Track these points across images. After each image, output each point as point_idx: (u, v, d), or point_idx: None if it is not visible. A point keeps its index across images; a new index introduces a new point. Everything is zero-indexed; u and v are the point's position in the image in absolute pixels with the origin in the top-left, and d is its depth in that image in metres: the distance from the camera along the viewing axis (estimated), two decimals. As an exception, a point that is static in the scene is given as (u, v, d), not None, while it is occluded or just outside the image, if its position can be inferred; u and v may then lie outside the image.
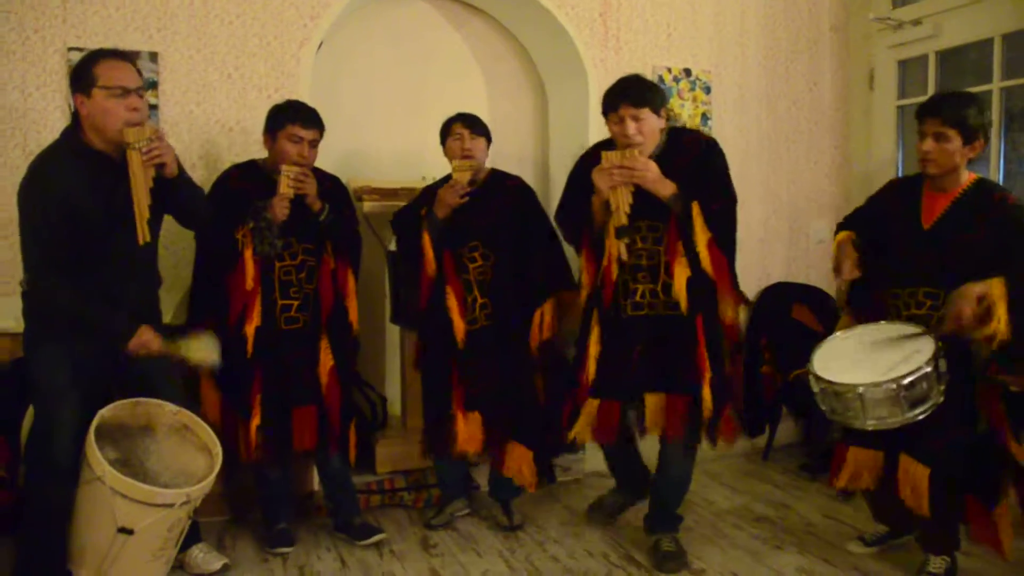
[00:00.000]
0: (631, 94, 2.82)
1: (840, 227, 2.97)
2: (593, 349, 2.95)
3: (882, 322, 2.71)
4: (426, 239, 3.16)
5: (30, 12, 3.14)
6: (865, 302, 2.85)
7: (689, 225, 2.80)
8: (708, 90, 4.17)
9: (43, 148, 2.61)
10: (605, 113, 2.90)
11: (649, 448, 3.17)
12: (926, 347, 2.49)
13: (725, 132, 4.21)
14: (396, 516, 3.46)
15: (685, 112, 4.10)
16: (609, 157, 2.81)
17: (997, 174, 3.86)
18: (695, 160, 2.88)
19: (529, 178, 4.22)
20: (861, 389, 2.48)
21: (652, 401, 2.88)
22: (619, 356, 2.91)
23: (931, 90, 4.09)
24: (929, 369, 2.44)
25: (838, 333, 2.77)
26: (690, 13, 4.15)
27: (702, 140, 3.01)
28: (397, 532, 3.28)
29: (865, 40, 4.41)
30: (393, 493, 3.56)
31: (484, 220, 3.17)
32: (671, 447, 2.97)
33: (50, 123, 3.16)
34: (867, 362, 2.55)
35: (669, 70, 4.08)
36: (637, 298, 2.89)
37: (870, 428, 2.53)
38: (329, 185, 3.12)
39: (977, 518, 2.63)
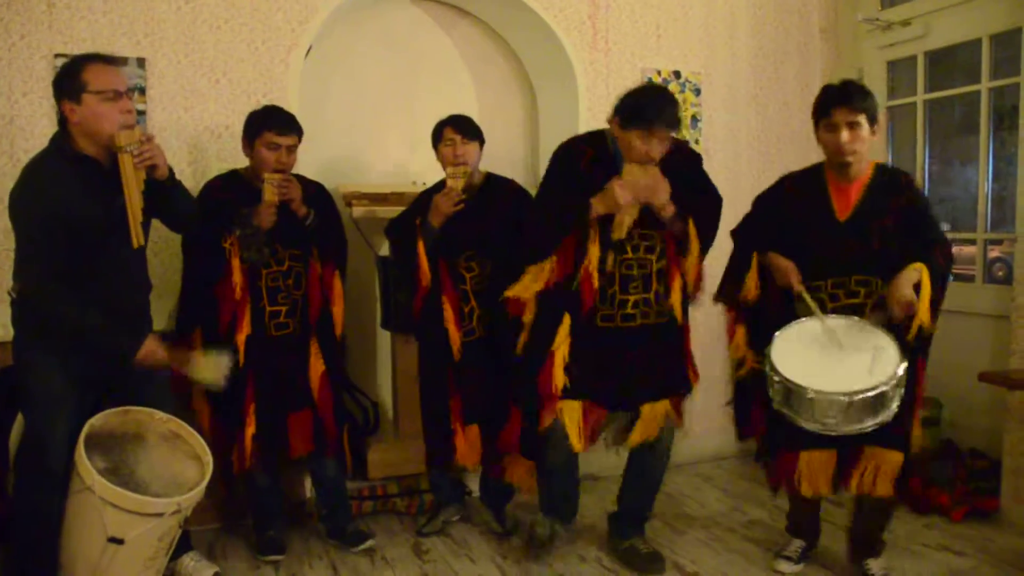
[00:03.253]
0: (667, 117, 2.71)
1: (742, 240, 2.91)
2: (560, 352, 2.82)
3: (831, 316, 2.63)
4: (421, 248, 3.11)
5: (16, 18, 3.11)
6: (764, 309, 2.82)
7: (686, 241, 2.84)
8: (698, 92, 4.17)
9: (31, 155, 2.58)
10: (632, 123, 2.71)
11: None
12: (892, 355, 2.49)
13: (715, 134, 4.21)
14: (388, 522, 3.45)
15: (675, 114, 4.09)
16: (633, 171, 2.71)
17: (986, 173, 3.87)
18: (678, 167, 2.82)
19: (518, 180, 4.21)
20: (842, 398, 2.43)
21: (648, 411, 2.88)
22: (603, 364, 2.84)
23: (920, 91, 4.10)
24: (894, 382, 2.45)
25: (791, 329, 2.65)
26: (680, 15, 4.15)
27: (683, 148, 3.02)
28: (389, 538, 3.27)
29: (854, 41, 4.42)
30: (386, 499, 3.55)
31: (479, 227, 3.13)
32: (656, 451, 2.98)
33: (37, 130, 3.14)
34: (833, 362, 2.52)
35: (659, 72, 4.07)
36: (629, 309, 2.84)
37: (810, 429, 2.51)
38: (313, 191, 3.11)
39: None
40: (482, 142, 3.24)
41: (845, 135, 2.62)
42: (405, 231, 3.20)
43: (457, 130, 3.15)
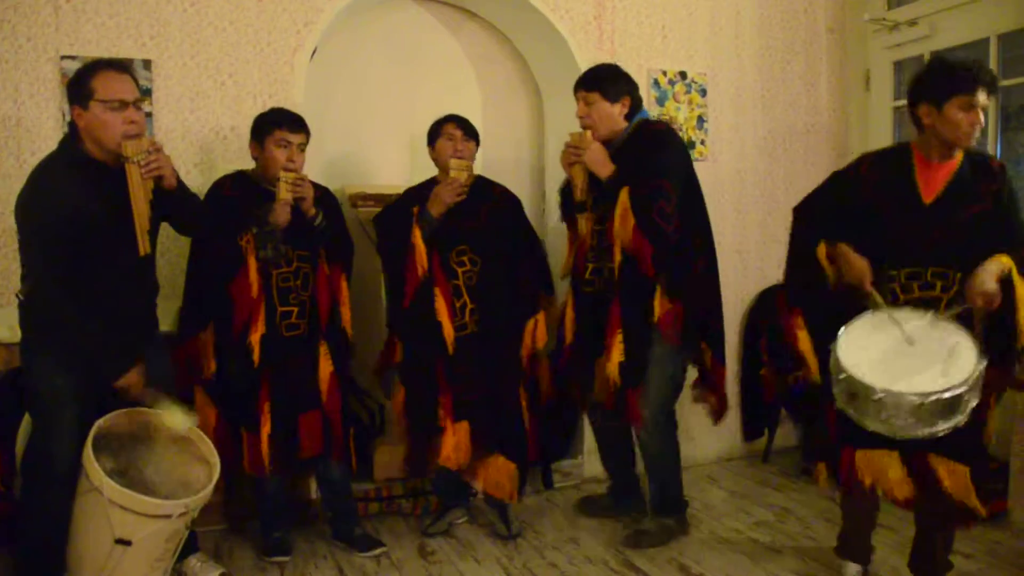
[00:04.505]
0: (583, 79, 3.11)
1: (808, 220, 2.73)
2: (569, 314, 3.24)
3: (930, 312, 2.41)
4: (417, 235, 3.11)
5: (23, 20, 3.12)
6: (821, 299, 2.65)
7: (613, 204, 2.95)
8: (704, 92, 4.16)
9: (37, 157, 2.59)
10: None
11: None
12: (970, 353, 2.30)
13: (721, 134, 4.20)
14: (394, 524, 3.45)
15: (681, 115, 4.09)
16: (571, 137, 3.09)
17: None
18: (644, 148, 3.00)
19: (525, 182, 4.22)
20: (914, 399, 2.23)
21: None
22: (583, 327, 3.18)
23: (927, 91, 4.08)
24: (970, 384, 2.25)
25: (867, 314, 2.47)
26: (685, 15, 4.14)
27: (657, 129, 3.11)
28: (395, 540, 3.27)
29: (861, 41, 4.41)
30: (391, 501, 3.55)
31: (472, 224, 3.17)
32: (636, 434, 3.25)
33: (44, 132, 3.15)
34: (906, 361, 2.33)
35: (664, 73, 4.07)
36: (587, 276, 3.15)
37: (875, 431, 2.34)
38: (319, 193, 3.11)
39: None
40: (478, 144, 3.28)
41: (978, 116, 2.40)
42: (399, 220, 3.19)
43: (459, 126, 3.21)
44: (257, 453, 2.94)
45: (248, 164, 3.14)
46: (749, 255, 4.28)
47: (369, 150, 4.03)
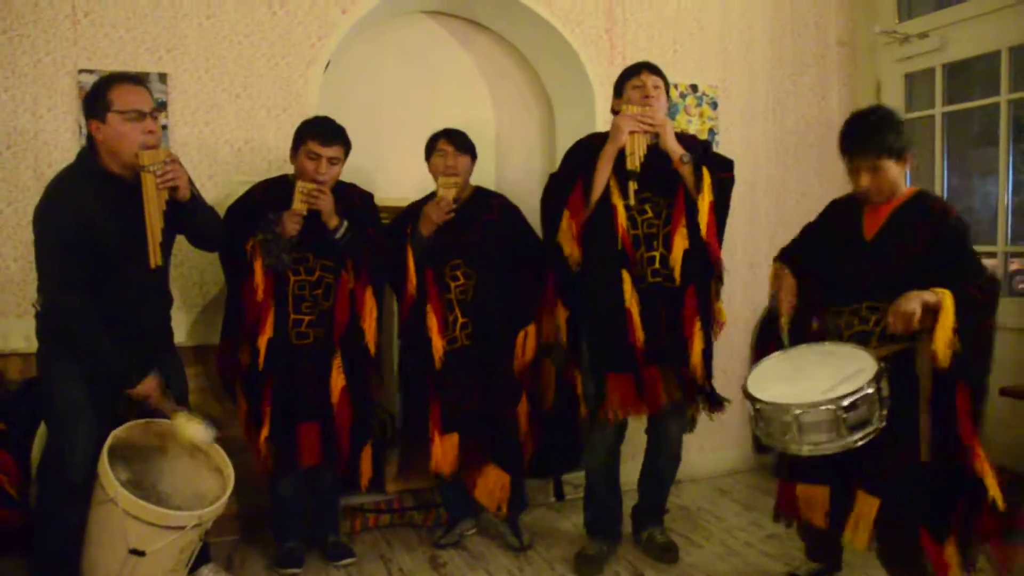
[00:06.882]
0: (650, 64, 3.07)
1: (779, 257, 2.88)
2: (635, 309, 2.93)
3: (825, 342, 2.55)
4: (409, 256, 3.16)
5: (41, 35, 3.16)
6: (799, 329, 2.71)
7: (697, 187, 2.90)
8: (715, 105, 4.17)
9: (55, 170, 2.62)
10: (622, 83, 3.06)
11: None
12: (868, 367, 2.32)
13: (732, 147, 4.20)
14: (405, 535, 3.45)
15: (692, 128, 4.10)
16: (632, 108, 2.96)
17: (1006, 185, 3.85)
18: (698, 142, 3.07)
19: (536, 193, 4.20)
20: (798, 411, 2.29)
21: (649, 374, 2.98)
22: (652, 322, 2.94)
23: (938, 103, 4.10)
24: (871, 391, 2.26)
25: (776, 353, 2.60)
26: (696, 29, 4.16)
27: (697, 139, 3.21)
28: (406, 551, 3.28)
29: (872, 54, 4.42)
30: (402, 512, 3.55)
31: (467, 238, 3.17)
32: (666, 454, 3.15)
33: (61, 145, 3.19)
34: (806, 382, 2.38)
35: (675, 86, 4.08)
36: (656, 265, 2.96)
37: (805, 454, 2.34)
38: (358, 202, 3.12)
39: (932, 551, 2.40)
40: (474, 157, 3.29)
41: (865, 180, 2.53)
42: (396, 239, 3.22)
43: (450, 141, 3.22)
44: (257, 454, 2.97)
45: (263, 175, 3.16)
46: (760, 268, 4.28)
47: (382, 162, 4.05)
